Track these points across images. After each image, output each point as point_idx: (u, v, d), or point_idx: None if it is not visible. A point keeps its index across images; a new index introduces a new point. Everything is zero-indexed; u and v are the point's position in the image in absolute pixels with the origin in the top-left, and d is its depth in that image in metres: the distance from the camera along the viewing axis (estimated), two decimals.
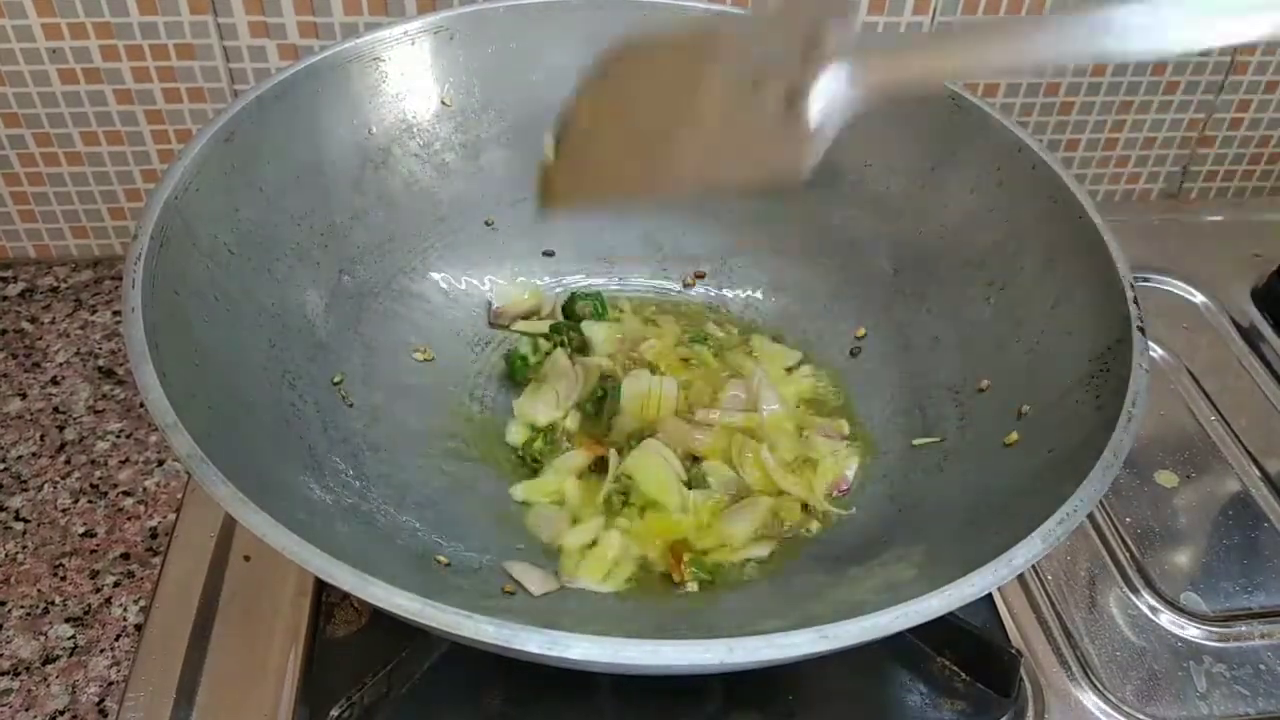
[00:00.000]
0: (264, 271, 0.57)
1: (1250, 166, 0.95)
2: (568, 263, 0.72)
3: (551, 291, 0.71)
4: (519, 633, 0.37)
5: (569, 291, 0.70)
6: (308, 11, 0.74)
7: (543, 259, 0.72)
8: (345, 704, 0.51)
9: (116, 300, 0.80)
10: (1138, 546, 0.64)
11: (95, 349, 0.76)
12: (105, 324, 0.78)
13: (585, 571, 0.55)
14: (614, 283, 0.72)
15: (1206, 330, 0.80)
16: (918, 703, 0.55)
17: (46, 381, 0.74)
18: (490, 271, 0.70)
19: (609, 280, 0.72)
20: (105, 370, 0.75)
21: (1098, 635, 0.59)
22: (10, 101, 0.76)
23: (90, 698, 0.56)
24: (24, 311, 0.79)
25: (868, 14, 0.79)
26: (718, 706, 0.54)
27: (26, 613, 0.60)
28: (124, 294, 0.46)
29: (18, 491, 0.66)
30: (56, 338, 0.77)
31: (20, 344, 0.77)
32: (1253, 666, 0.58)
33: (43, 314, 0.79)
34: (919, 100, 0.64)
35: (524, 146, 0.70)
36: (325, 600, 0.57)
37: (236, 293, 0.55)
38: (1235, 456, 0.70)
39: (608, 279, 0.72)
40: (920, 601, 0.39)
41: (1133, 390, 0.47)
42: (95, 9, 0.72)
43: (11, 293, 0.81)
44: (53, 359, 0.75)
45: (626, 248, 0.73)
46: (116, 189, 0.82)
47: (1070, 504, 0.43)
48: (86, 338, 0.77)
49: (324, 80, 0.62)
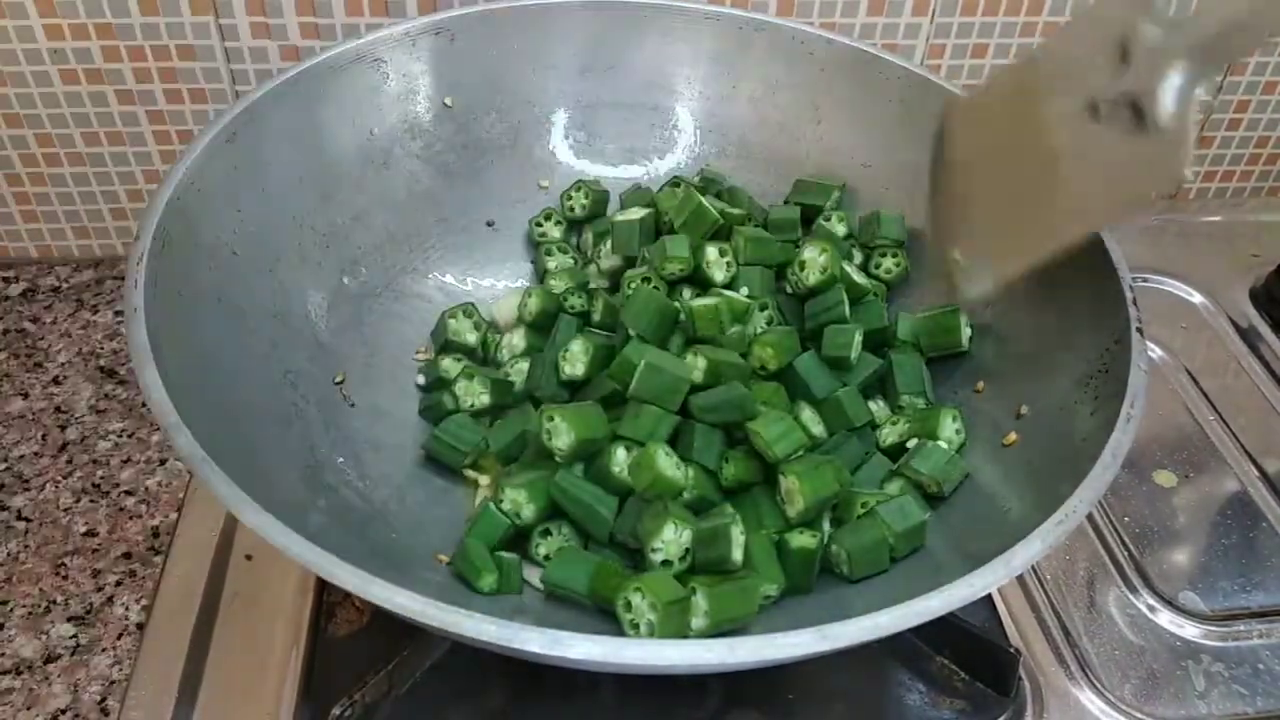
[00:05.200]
0: (266, 272, 0.58)
1: (1249, 167, 0.95)
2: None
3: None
4: (519, 632, 0.37)
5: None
6: (309, 13, 0.74)
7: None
8: (347, 702, 0.51)
9: (118, 300, 0.80)
10: (1136, 546, 0.64)
11: (97, 349, 0.76)
12: (107, 324, 0.78)
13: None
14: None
15: (1205, 330, 0.80)
16: (917, 702, 0.55)
17: (48, 381, 0.74)
18: (491, 272, 0.70)
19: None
20: (107, 370, 0.75)
21: (1096, 634, 0.59)
22: (12, 102, 0.76)
23: (92, 696, 0.56)
24: (26, 311, 0.80)
25: (867, 15, 0.79)
26: (718, 706, 0.54)
27: (28, 612, 0.60)
28: (126, 294, 0.47)
29: (20, 491, 0.67)
30: (58, 338, 0.77)
31: (22, 344, 0.77)
32: (1251, 665, 0.59)
33: (44, 314, 0.79)
34: (919, 101, 0.65)
35: (525, 147, 0.70)
36: (327, 599, 0.57)
37: (238, 293, 0.55)
38: (1234, 456, 0.70)
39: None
40: (920, 601, 0.39)
41: (1131, 390, 0.48)
42: (97, 10, 0.72)
43: (13, 293, 0.81)
44: (54, 359, 0.76)
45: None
46: (118, 189, 0.82)
47: (1069, 504, 0.43)
48: (88, 338, 0.77)
49: (325, 81, 0.62)
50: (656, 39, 0.70)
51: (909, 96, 0.66)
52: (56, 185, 0.81)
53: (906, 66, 0.66)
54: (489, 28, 0.68)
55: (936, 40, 0.82)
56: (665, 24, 0.70)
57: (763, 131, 0.71)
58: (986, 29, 0.82)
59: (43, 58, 0.74)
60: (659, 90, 0.71)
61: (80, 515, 0.65)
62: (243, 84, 0.77)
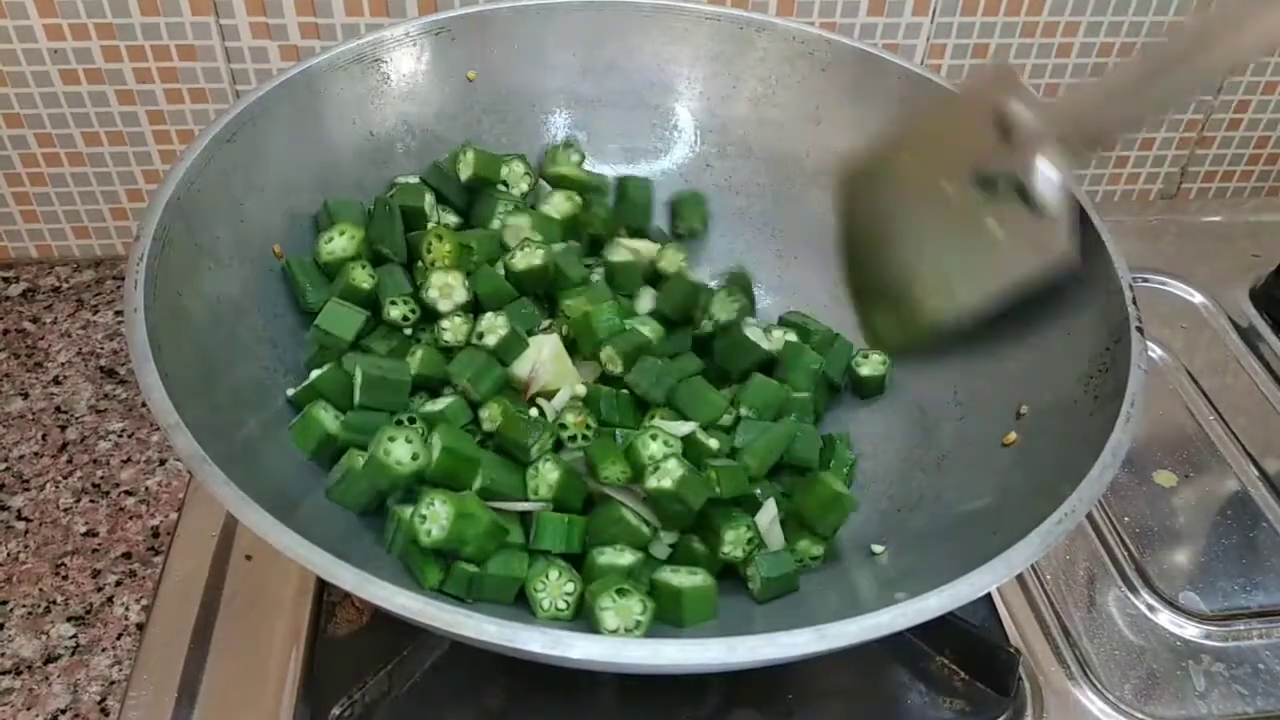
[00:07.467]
0: (266, 272, 0.58)
1: (1249, 167, 0.95)
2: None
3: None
4: (520, 632, 0.37)
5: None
6: (309, 13, 0.75)
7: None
8: (346, 702, 0.51)
9: (118, 300, 0.80)
10: (1136, 546, 0.64)
11: (97, 349, 0.76)
12: (107, 324, 0.79)
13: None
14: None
15: (1205, 330, 0.80)
16: (917, 701, 0.55)
17: (48, 381, 0.74)
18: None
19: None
20: (107, 370, 0.75)
21: (1096, 634, 0.59)
22: (12, 102, 0.76)
23: (92, 697, 0.56)
24: (26, 311, 0.80)
25: (867, 15, 0.79)
26: (718, 706, 0.54)
27: (28, 612, 0.60)
28: (126, 294, 0.47)
29: (20, 491, 0.67)
30: (58, 338, 0.77)
31: (22, 344, 0.77)
32: (1251, 665, 0.59)
33: (45, 314, 0.79)
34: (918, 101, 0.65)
35: (525, 147, 0.70)
36: (327, 599, 0.57)
37: (238, 293, 0.55)
38: (1233, 456, 0.70)
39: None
40: (919, 601, 0.39)
41: (1131, 390, 0.48)
42: (97, 10, 0.72)
43: (14, 293, 0.81)
44: (55, 359, 0.76)
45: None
46: (118, 189, 0.82)
47: (1069, 504, 0.43)
48: (88, 338, 0.77)
49: (325, 81, 0.62)
50: (656, 39, 0.70)
51: (909, 96, 0.66)
52: (56, 185, 0.81)
53: (906, 66, 0.66)
54: (489, 28, 0.68)
55: (936, 40, 0.82)
56: (665, 24, 0.70)
57: (763, 131, 0.71)
58: (986, 29, 0.82)
59: (43, 58, 0.74)
60: (659, 90, 0.71)
61: (80, 515, 0.65)
62: (243, 84, 0.77)
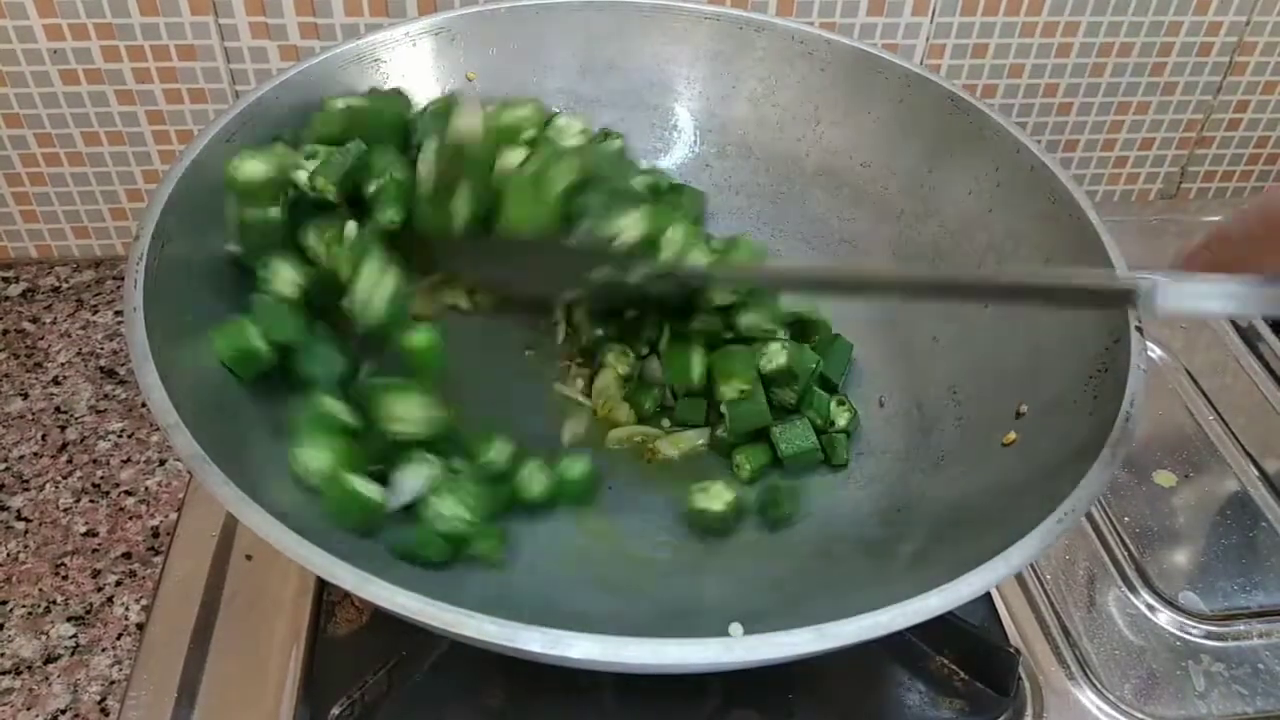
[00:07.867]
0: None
1: (1248, 167, 0.95)
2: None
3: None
4: (520, 632, 0.37)
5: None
6: (309, 13, 0.75)
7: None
8: (346, 702, 0.51)
9: (118, 300, 0.80)
10: (1136, 546, 0.64)
11: (97, 349, 0.76)
12: (107, 324, 0.79)
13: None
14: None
15: (1204, 330, 0.80)
16: (917, 701, 0.55)
17: (48, 381, 0.74)
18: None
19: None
20: (107, 370, 0.75)
21: (1096, 634, 0.59)
22: (12, 102, 0.76)
23: (92, 697, 0.56)
24: (25, 311, 0.80)
25: (867, 14, 0.79)
26: (717, 705, 0.54)
27: (28, 612, 0.60)
28: (126, 294, 0.47)
29: (19, 491, 0.67)
30: (58, 338, 0.77)
31: (22, 344, 0.77)
32: (1251, 666, 0.59)
33: (44, 314, 0.79)
34: (919, 101, 0.65)
35: None
36: (327, 599, 0.57)
37: (238, 293, 0.55)
38: (1233, 456, 0.70)
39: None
40: (919, 600, 0.39)
41: (1131, 390, 0.48)
42: (97, 10, 0.72)
43: (13, 293, 0.81)
44: (54, 359, 0.76)
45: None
46: (118, 189, 0.82)
47: (1068, 503, 0.43)
48: (88, 338, 0.77)
49: (325, 81, 0.62)
50: (656, 39, 0.70)
51: (909, 96, 0.66)
52: (56, 185, 0.81)
53: (906, 66, 0.66)
54: (489, 28, 0.68)
55: (936, 40, 0.82)
56: (665, 24, 0.70)
57: (763, 131, 0.71)
58: (986, 29, 0.82)
59: (43, 58, 0.74)
60: (659, 90, 0.71)
61: (80, 515, 0.65)
62: (243, 84, 0.77)
